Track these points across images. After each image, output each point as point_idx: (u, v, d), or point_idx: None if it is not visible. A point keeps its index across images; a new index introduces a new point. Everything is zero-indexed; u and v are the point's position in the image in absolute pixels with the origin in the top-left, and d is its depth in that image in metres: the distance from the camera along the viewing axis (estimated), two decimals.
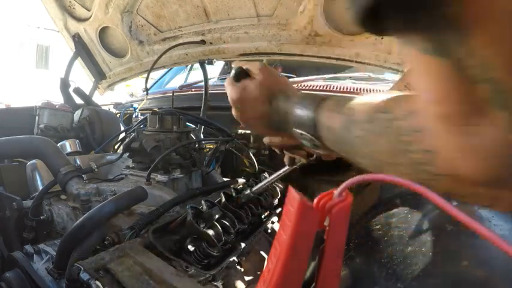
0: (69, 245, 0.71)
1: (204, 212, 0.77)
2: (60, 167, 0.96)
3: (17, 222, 0.97)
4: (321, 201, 0.30)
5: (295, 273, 0.30)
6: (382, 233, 0.69)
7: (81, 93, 1.89)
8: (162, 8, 1.60)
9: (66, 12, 1.77)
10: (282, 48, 1.51)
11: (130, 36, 1.76)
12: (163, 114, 1.15)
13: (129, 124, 1.81)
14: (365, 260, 0.65)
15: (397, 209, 0.79)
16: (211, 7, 1.51)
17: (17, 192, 1.03)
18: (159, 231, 0.76)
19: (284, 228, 0.30)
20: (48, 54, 12.44)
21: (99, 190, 0.97)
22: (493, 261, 0.49)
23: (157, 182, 1.03)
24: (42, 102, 1.62)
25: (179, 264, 0.67)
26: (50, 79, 8.99)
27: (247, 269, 0.78)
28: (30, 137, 1.03)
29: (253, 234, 0.88)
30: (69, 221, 0.95)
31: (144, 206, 0.89)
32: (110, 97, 2.51)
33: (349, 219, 0.32)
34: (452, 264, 0.52)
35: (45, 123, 1.57)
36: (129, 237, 0.72)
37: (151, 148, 1.05)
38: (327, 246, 0.31)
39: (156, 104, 1.99)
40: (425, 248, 0.57)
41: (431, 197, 0.24)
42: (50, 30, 10.12)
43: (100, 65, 2.00)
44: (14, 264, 0.80)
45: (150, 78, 1.78)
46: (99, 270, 0.59)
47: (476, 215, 0.64)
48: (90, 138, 1.63)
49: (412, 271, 0.53)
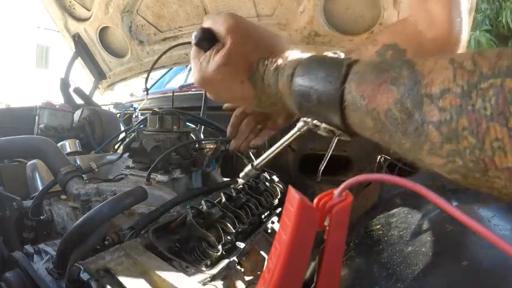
0: (69, 245, 0.71)
1: (204, 212, 0.77)
2: (60, 167, 0.96)
3: (17, 222, 0.97)
4: (321, 201, 0.30)
5: (295, 273, 0.30)
6: (382, 233, 0.69)
7: (81, 93, 1.89)
8: (162, 8, 1.60)
9: (66, 12, 1.77)
10: None
11: (130, 36, 1.76)
12: (163, 114, 1.14)
13: (129, 124, 1.81)
14: (365, 260, 0.65)
15: (397, 209, 0.79)
16: (211, 7, 1.51)
17: (17, 192, 1.03)
18: (159, 231, 0.76)
19: (284, 228, 0.30)
20: (48, 54, 12.44)
21: (99, 190, 0.97)
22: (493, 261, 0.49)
23: (157, 182, 1.03)
24: (42, 102, 1.62)
25: (179, 264, 0.67)
26: (50, 79, 8.99)
27: (247, 269, 0.78)
28: (30, 137, 1.03)
29: (253, 234, 0.88)
30: (69, 221, 0.95)
31: (144, 206, 0.89)
32: (110, 97, 2.51)
33: (349, 219, 0.32)
34: (452, 264, 0.52)
35: (45, 123, 1.57)
36: (129, 237, 0.72)
37: (151, 148, 1.05)
38: (327, 246, 0.31)
39: (156, 104, 1.99)
40: (425, 248, 0.57)
41: (431, 197, 0.24)
42: (50, 30, 10.12)
43: (100, 65, 2.00)
44: (14, 264, 0.80)
45: (150, 78, 1.78)
46: (99, 270, 0.59)
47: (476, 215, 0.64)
48: (90, 138, 1.63)
49: (412, 271, 0.53)
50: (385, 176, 0.29)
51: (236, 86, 0.42)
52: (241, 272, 0.76)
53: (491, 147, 0.23)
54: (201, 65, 0.43)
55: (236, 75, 0.41)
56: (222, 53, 0.41)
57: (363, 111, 0.31)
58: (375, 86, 0.30)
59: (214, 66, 0.41)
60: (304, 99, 0.35)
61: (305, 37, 1.41)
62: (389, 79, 0.29)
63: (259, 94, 0.42)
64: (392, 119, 0.29)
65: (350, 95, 0.32)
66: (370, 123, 0.31)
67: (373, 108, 0.30)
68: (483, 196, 0.74)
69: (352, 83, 0.32)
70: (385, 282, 0.53)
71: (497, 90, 0.23)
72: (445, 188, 0.85)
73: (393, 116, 0.29)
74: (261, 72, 0.40)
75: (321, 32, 1.37)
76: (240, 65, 0.41)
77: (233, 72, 0.41)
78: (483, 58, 0.24)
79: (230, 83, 0.42)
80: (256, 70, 0.41)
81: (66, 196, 0.98)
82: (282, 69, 0.38)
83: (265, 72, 0.40)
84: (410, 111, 0.27)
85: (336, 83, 0.32)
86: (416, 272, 0.52)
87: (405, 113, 0.28)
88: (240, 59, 0.41)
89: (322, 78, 0.33)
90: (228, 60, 0.41)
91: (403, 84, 0.28)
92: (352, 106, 0.32)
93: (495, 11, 7.14)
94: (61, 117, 1.62)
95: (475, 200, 0.74)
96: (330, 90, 0.32)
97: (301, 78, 0.35)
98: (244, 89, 0.42)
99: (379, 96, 0.29)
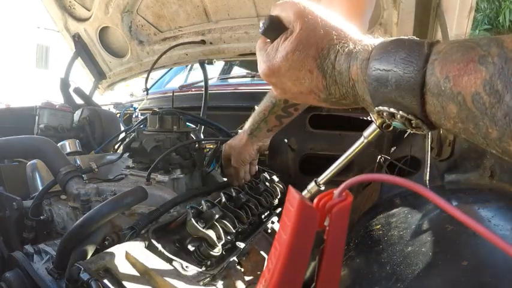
0: (69, 245, 0.71)
1: (204, 212, 0.77)
2: (60, 167, 0.96)
3: (17, 222, 0.97)
4: (321, 201, 0.30)
5: (295, 273, 0.30)
6: (382, 233, 0.69)
7: (81, 93, 1.89)
8: (162, 8, 1.60)
9: (66, 12, 1.77)
10: None
11: (130, 36, 1.76)
12: (163, 114, 1.15)
13: (129, 124, 1.81)
14: (365, 260, 0.65)
15: (397, 209, 0.79)
16: (211, 7, 1.51)
17: (17, 192, 1.03)
18: (159, 231, 0.76)
19: (284, 228, 0.30)
20: (48, 54, 12.44)
21: (99, 190, 0.97)
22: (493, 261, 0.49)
23: (157, 182, 1.03)
24: (42, 102, 1.62)
25: (179, 264, 0.67)
26: (50, 79, 9.00)
27: (247, 269, 0.78)
28: (30, 137, 1.03)
29: (253, 234, 0.88)
30: (69, 221, 0.95)
31: (144, 206, 0.89)
32: (110, 97, 2.51)
33: (349, 219, 0.32)
34: (452, 264, 0.52)
35: (45, 123, 1.56)
36: (129, 237, 0.72)
37: (151, 148, 1.05)
38: (327, 246, 0.31)
39: (156, 104, 1.99)
40: (425, 248, 0.57)
41: (431, 197, 0.24)
42: (50, 30, 10.12)
43: (100, 65, 2.01)
44: (14, 264, 0.80)
45: (150, 78, 1.78)
46: (99, 270, 0.59)
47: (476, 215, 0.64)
48: (90, 138, 1.63)
49: (412, 271, 0.53)
50: (385, 176, 0.29)
51: (305, 75, 0.39)
52: (241, 272, 0.76)
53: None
54: (268, 55, 0.41)
55: (305, 63, 0.38)
56: (291, 39, 0.39)
57: (447, 96, 0.28)
58: (462, 66, 0.27)
59: (282, 53, 0.39)
60: (380, 84, 0.32)
61: None
62: (478, 57, 0.26)
63: (329, 84, 0.38)
64: (479, 103, 0.26)
65: (433, 77, 0.28)
66: (453, 109, 0.28)
67: (459, 91, 0.27)
68: (483, 196, 0.74)
69: (436, 63, 0.28)
70: (385, 282, 0.53)
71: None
72: (445, 188, 0.85)
73: (481, 100, 0.25)
74: (332, 59, 0.37)
75: None
76: (310, 52, 0.38)
77: (302, 59, 0.38)
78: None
79: (299, 72, 0.39)
80: (327, 56, 0.38)
81: (66, 196, 0.98)
82: (355, 53, 0.36)
83: (337, 58, 0.37)
84: (501, 94, 0.24)
85: (418, 63, 0.29)
86: (416, 272, 0.52)
87: (495, 96, 0.24)
88: (310, 45, 0.38)
89: (402, 59, 0.30)
90: (297, 47, 0.38)
91: (492, 63, 0.25)
92: (434, 89, 0.29)
93: (495, 10, 7.15)
94: (61, 117, 1.62)
95: (475, 200, 0.74)
96: (410, 72, 0.29)
97: (378, 62, 0.32)
98: (313, 79, 0.39)
99: (465, 78, 0.26)
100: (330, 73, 0.38)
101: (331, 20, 0.39)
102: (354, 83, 0.36)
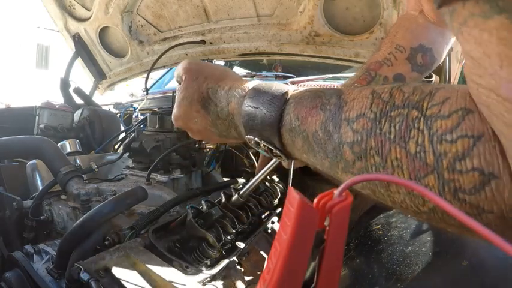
0: (69, 245, 0.71)
1: (204, 212, 0.77)
2: (60, 167, 0.96)
3: (17, 222, 0.97)
4: (321, 201, 0.30)
5: (295, 273, 0.30)
6: (382, 233, 0.69)
7: (81, 93, 1.89)
8: (162, 8, 1.60)
9: (66, 12, 1.77)
10: (282, 48, 1.51)
11: (130, 36, 1.76)
12: (163, 114, 1.15)
13: (129, 124, 1.81)
14: (365, 260, 0.65)
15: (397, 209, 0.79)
16: (211, 7, 1.51)
17: (17, 192, 1.03)
18: (159, 231, 0.76)
19: (284, 228, 0.30)
20: (48, 54, 12.44)
21: (99, 190, 0.97)
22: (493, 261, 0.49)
23: (157, 182, 1.03)
24: (42, 102, 1.62)
25: (179, 264, 0.67)
26: (50, 79, 9.00)
27: (247, 269, 0.78)
28: (30, 137, 1.03)
29: (253, 234, 0.88)
30: (69, 221, 0.95)
31: (144, 206, 0.89)
32: (110, 97, 2.51)
33: (349, 219, 0.32)
34: (452, 264, 0.52)
35: (45, 123, 1.57)
36: (129, 237, 0.72)
37: (151, 148, 1.05)
38: (327, 246, 0.31)
39: (156, 104, 1.99)
40: (425, 248, 0.57)
41: (431, 197, 0.24)
42: (50, 30, 10.13)
43: (100, 65, 2.00)
44: (14, 264, 0.80)
45: (150, 78, 1.78)
46: (99, 270, 0.59)
47: None
48: (90, 138, 1.63)
49: (412, 271, 0.53)
50: (385, 176, 0.29)
51: (196, 115, 0.48)
52: (241, 272, 0.76)
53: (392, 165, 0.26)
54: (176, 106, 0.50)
55: (192, 106, 0.48)
56: (180, 89, 0.49)
57: (296, 132, 0.35)
58: (309, 109, 0.34)
59: (178, 102, 0.50)
60: (250, 118, 0.39)
61: (305, 37, 1.41)
62: (321, 104, 0.33)
63: (214, 119, 0.47)
64: (317, 139, 0.32)
65: (288, 116, 0.36)
66: (300, 143, 0.35)
67: (304, 129, 0.34)
68: None
69: (292, 106, 0.36)
70: (385, 282, 0.53)
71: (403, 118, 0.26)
72: None
73: (318, 136, 0.32)
74: (213, 99, 0.46)
75: (320, 32, 1.37)
76: (194, 96, 0.47)
77: (189, 103, 0.48)
78: (399, 92, 0.28)
79: (190, 114, 0.48)
80: (208, 97, 0.47)
81: (66, 196, 0.98)
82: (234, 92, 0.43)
83: (217, 96, 0.46)
84: (331, 133, 0.31)
85: (278, 105, 0.37)
86: (416, 272, 0.52)
87: (327, 134, 0.31)
88: (193, 91, 0.48)
89: (268, 100, 0.37)
90: (184, 94, 0.48)
91: (329, 110, 0.32)
92: (288, 126, 0.36)
93: None
94: (61, 117, 1.62)
95: None
96: (271, 111, 0.37)
97: (250, 100, 0.39)
98: (202, 118, 0.48)
99: (309, 119, 0.33)
100: (213, 110, 0.46)
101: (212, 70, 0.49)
102: (233, 116, 0.44)
